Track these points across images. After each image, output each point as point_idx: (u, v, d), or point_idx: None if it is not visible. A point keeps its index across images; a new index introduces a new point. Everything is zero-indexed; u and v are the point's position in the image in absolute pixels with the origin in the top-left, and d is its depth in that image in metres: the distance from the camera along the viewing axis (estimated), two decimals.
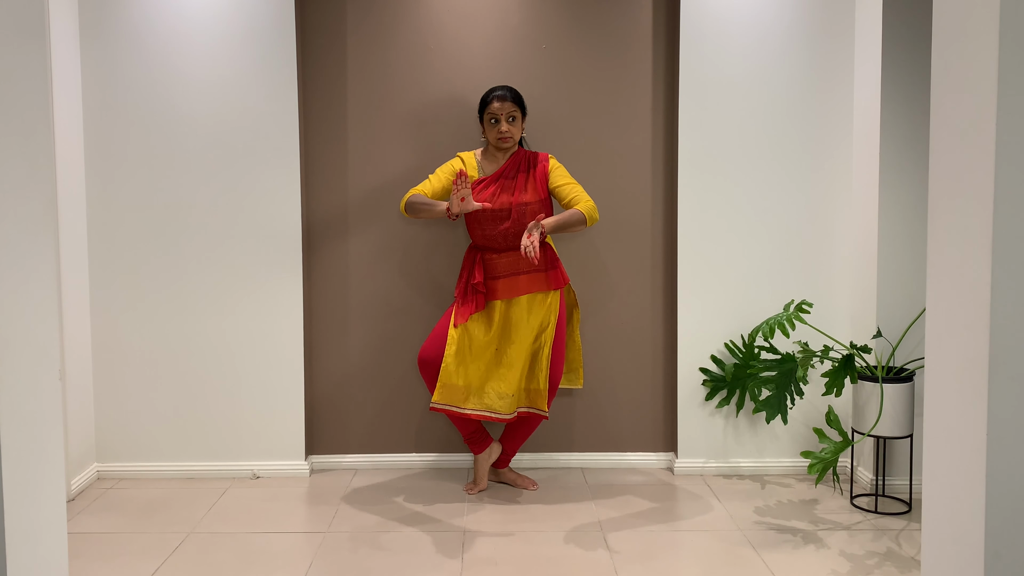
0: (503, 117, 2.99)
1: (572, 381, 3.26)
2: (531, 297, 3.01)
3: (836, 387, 2.93)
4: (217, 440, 3.37)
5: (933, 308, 1.53)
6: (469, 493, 3.13)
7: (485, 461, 3.15)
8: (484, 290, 3.01)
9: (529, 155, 3.07)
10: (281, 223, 3.30)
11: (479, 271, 3.00)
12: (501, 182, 3.01)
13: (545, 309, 3.02)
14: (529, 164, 3.04)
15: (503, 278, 3.00)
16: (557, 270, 3.05)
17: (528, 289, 3.00)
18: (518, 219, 2.96)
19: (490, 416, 2.97)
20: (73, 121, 3.21)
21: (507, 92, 3.01)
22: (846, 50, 3.27)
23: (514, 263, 3.00)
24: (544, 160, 3.06)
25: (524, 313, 3.00)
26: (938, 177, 1.51)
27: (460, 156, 3.09)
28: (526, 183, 3.00)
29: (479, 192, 2.98)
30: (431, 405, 2.96)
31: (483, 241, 3.03)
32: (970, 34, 1.40)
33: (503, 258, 3.00)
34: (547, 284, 3.02)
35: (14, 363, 1.38)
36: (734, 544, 2.70)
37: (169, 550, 2.67)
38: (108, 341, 3.33)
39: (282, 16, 3.24)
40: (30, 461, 1.43)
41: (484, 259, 3.03)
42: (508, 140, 3.01)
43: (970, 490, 1.41)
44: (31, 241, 1.43)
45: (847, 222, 3.32)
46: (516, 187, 2.99)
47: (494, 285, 3.01)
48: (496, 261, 3.01)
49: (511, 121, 3.00)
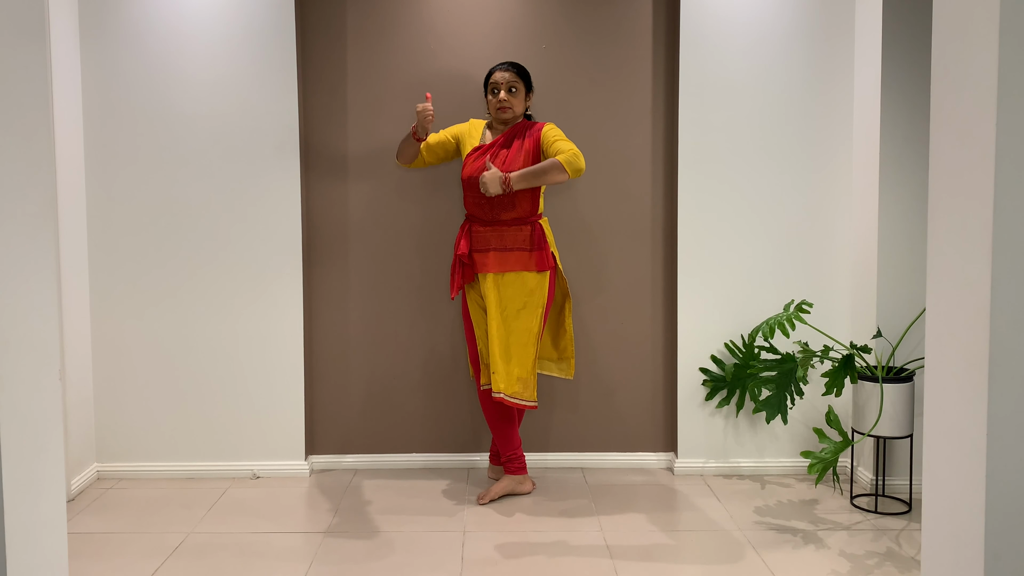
0: (503, 86, 2.98)
1: (564, 371, 3.24)
2: (513, 276, 2.97)
3: (836, 387, 2.93)
4: (217, 440, 3.37)
5: (933, 308, 1.53)
6: (480, 503, 3.05)
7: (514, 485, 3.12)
8: (468, 261, 3.00)
9: (528, 124, 3.05)
10: (281, 223, 3.30)
11: (465, 242, 3.00)
12: (494, 150, 2.99)
13: (526, 292, 2.97)
14: (525, 133, 3.01)
15: (489, 251, 2.98)
16: (544, 251, 2.99)
17: (509, 267, 2.97)
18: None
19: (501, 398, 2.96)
20: (73, 121, 3.21)
21: (510, 64, 3.02)
22: (846, 50, 3.27)
23: (499, 236, 2.98)
24: (540, 128, 3.00)
25: (509, 290, 2.96)
26: (938, 177, 1.50)
27: (472, 121, 3.13)
28: (519, 151, 2.97)
29: (475, 159, 2.99)
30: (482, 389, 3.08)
31: (474, 210, 3.01)
32: (970, 34, 1.40)
33: (489, 230, 2.98)
34: (532, 263, 2.98)
35: (14, 363, 1.37)
36: (734, 544, 2.70)
37: (169, 550, 2.67)
38: (108, 341, 3.33)
39: (282, 16, 3.24)
40: (30, 461, 1.42)
41: (472, 230, 3.02)
42: (507, 110, 2.99)
43: (970, 490, 1.41)
44: (31, 241, 1.43)
45: (847, 222, 3.32)
46: (509, 155, 2.96)
47: (476, 258, 2.99)
48: (483, 233, 2.99)
49: (511, 92, 2.99)
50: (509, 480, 3.11)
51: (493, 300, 2.96)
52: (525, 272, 2.97)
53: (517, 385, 2.96)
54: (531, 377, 2.98)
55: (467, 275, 3.02)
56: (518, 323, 2.97)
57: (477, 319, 3.08)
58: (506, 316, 2.97)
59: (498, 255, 2.98)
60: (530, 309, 2.98)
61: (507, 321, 2.97)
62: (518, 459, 3.11)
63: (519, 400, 2.98)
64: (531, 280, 2.98)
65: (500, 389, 2.94)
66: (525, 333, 2.97)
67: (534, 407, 3.01)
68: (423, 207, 3.39)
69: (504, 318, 2.97)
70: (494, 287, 2.97)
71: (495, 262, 2.98)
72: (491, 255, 2.98)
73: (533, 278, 2.98)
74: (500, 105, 2.98)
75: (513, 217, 2.98)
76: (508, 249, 2.98)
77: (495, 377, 2.94)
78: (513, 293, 2.97)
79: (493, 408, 3.07)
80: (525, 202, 2.97)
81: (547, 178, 2.85)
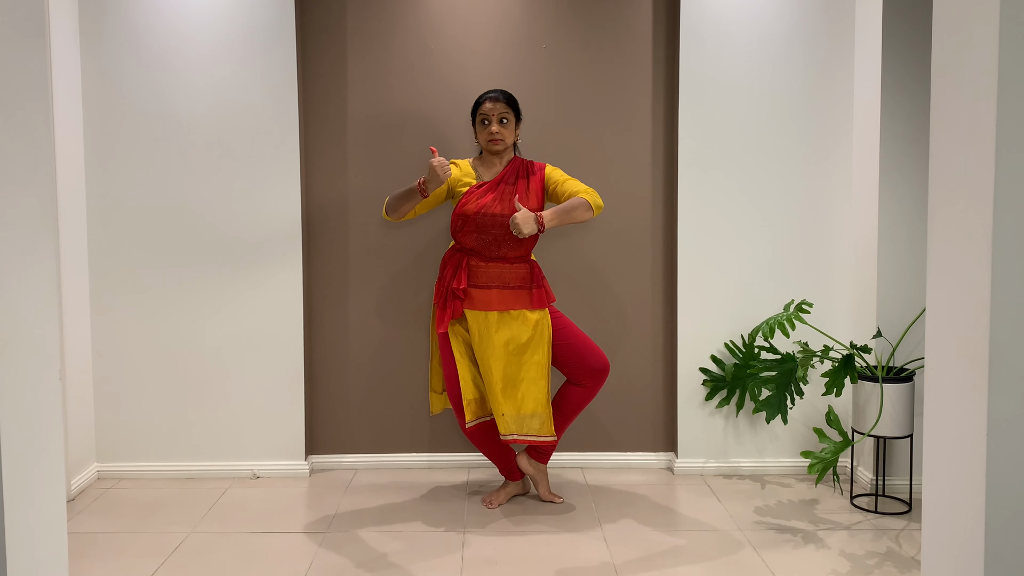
0: (494, 118, 2.90)
1: None
2: (516, 313, 2.90)
3: (836, 387, 2.93)
4: (217, 440, 3.37)
5: (933, 308, 1.53)
6: (489, 507, 3.03)
7: (515, 489, 3.12)
8: (463, 296, 2.88)
9: (527, 163, 2.98)
10: (281, 223, 3.30)
11: (464, 276, 2.89)
12: (501, 188, 2.90)
13: (530, 327, 2.90)
14: (527, 172, 2.96)
15: (486, 288, 2.89)
16: (542, 289, 2.94)
17: (511, 305, 2.89)
18: None
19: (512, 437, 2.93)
20: (73, 121, 3.21)
21: (500, 94, 2.92)
22: (846, 50, 3.27)
23: (500, 273, 2.89)
24: (541, 168, 2.97)
25: (514, 326, 2.89)
26: (938, 177, 1.50)
27: (455, 162, 2.99)
28: (527, 190, 2.91)
29: (479, 197, 2.88)
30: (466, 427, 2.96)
31: (475, 245, 2.89)
32: (970, 34, 1.40)
33: (490, 267, 2.89)
34: (530, 303, 2.91)
35: (14, 363, 1.37)
36: (734, 544, 2.70)
37: (169, 550, 2.67)
38: (108, 341, 3.34)
39: (282, 16, 3.24)
40: (30, 461, 1.42)
41: (469, 264, 2.91)
42: (499, 142, 2.91)
43: (970, 490, 1.41)
44: (31, 241, 1.43)
45: (847, 222, 3.32)
46: (517, 192, 2.89)
47: (476, 294, 2.88)
48: (483, 269, 2.90)
49: (503, 123, 2.91)
50: (513, 486, 3.11)
51: (497, 339, 2.88)
52: (526, 310, 2.91)
53: (534, 423, 2.91)
54: (546, 411, 2.92)
55: (457, 310, 2.91)
56: (525, 358, 2.90)
57: (466, 357, 2.96)
58: (511, 352, 2.89)
59: (500, 293, 2.89)
60: (536, 343, 2.90)
61: (513, 357, 2.90)
62: (515, 463, 3.10)
63: (535, 438, 2.92)
64: (532, 316, 2.91)
65: (511, 431, 2.89)
66: (535, 367, 2.90)
67: (554, 442, 2.95)
68: None
69: (509, 354, 2.89)
70: (497, 325, 2.89)
71: (499, 300, 2.89)
72: (494, 292, 2.89)
73: (534, 314, 2.91)
74: (492, 138, 2.90)
75: (516, 255, 2.91)
76: (510, 287, 2.90)
77: (503, 420, 2.89)
78: (518, 329, 2.89)
79: (483, 437, 3.01)
80: (530, 240, 2.91)
81: (574, 216, 2.82)
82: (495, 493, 3.07)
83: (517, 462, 3.05)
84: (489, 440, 3.02)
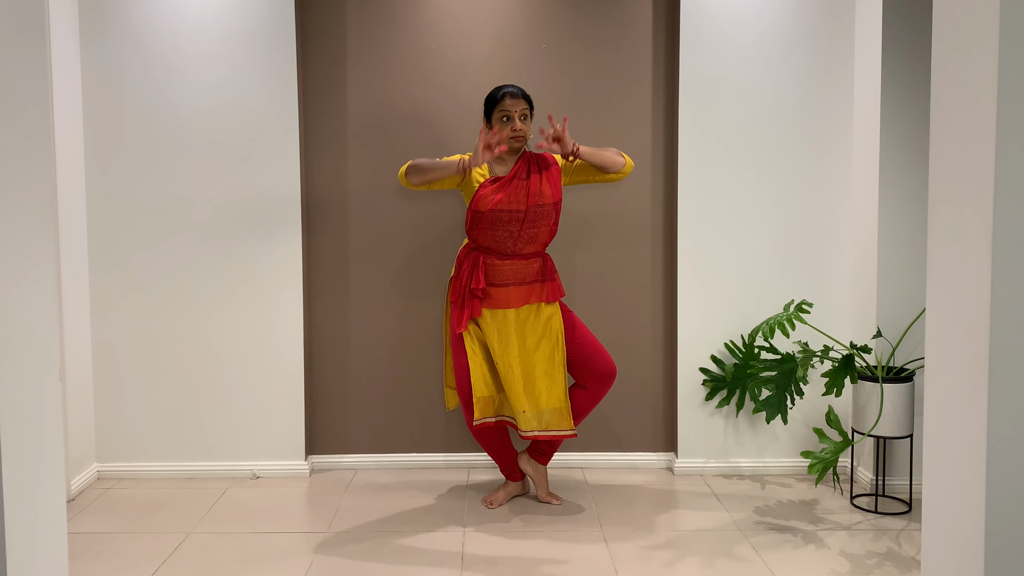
0: (516, 114, 2.87)
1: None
2: (529, 308, 2.92)
3: (836, 387, 2.93)
4: (217, 440, 3.37)
5: (933, 308, 1.53)
6: (489, 507, 3.04)
7: (515, 490, 3.12)
8: (481, 296, 2.90)
9: (538, 156, 2.96)
10: (281, 223, 3.30)
11: (481, 275, 2.89)
12: (516, 183, 2.88)
13: (543, 322, 2.93)
14: (540, 165, 2.94)
15: (504, 287, 2.90)
16: (555, 282, 2.96)
17: (527, 299, 2.91)
18: (533, 220, 2.86)
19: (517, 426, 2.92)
20: (73, 121, 3.21)
21: (519, 90, 2.90)
22: (846, 50, 3.27)
23: (517, 271, 2.90)
24: (553, 160, 2.96)
25: (529, 322, 2.91)
26: (938, 177, 1.50)
27: (464, 157, 2.96)
28: (540, 184, 2.89)
29: (492, 193, 2.86)
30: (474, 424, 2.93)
31: (490, 243, 2.89)
32: (970, 34, 1.40)
33: (507, 264, 2.90)
34: (544, 295, 2.93)
35: (14, 363, 1.37)
36: (734, 544, 2.70)
37: (169, 550, 2.67)
38: (108, 341, 3.34)
39: (282, 16, 3.24)
40: (30, 461, 1.42)
41: (486, 263, 2.91)
42: (521, 139, 2.89)
43: (970, 490, 1.41)
44: (31, 241, 1.43)
45: (847, 222, 3.32)
46: (531, 187, 2.87)
47: (494, 293, 2.91)
48: (500, 267, 2.90)
49: (523, 119, 2.89)
50: (513, 486, 3.11)
51: (517, 337, 2.90)
52: (539, 303, 2.92)
53: (553, 418, 2.90)
54: (565, 404, 2.92)
55: (476, 309, 2.91)
56: (540, 353, 2.91)
57: (479, 355, 2.94)
58: (526, 349, 2.91)
59: (517, 289, 2.90)
60: (550, 337, 2.92)
61: (528, 354, 2.91)
62: (516, 464, 3.10)
63: (556, 432, 2.91)
64: (545, 310, 2.93)
65: (532, 428, 2.89)
66: (549, 362, 2.91)
67: (574, 435, 2.94)
68: (424, 208, 3.39)
69: (525, 351, 2.90)
70: (516, 322, 2.91)
71: (517, 297, 2.90)
72: (512, 290, 2.90)
73: (547, 308, 2.93)
74: (515, 135, 2.87)
75: (532, 251, 2.91)
76: (526, 283, 2.91)
77: (524, 417, 2.88)
78: (532, 325, 2.91)
79: (488, 436, 3.00)
80: (545, 234, 2.91)
81: (605, 156, 2.85)
82: (495, 493, 3.07)
83: (518, 462, 3.06)
84: (494, 439, 3.02)
